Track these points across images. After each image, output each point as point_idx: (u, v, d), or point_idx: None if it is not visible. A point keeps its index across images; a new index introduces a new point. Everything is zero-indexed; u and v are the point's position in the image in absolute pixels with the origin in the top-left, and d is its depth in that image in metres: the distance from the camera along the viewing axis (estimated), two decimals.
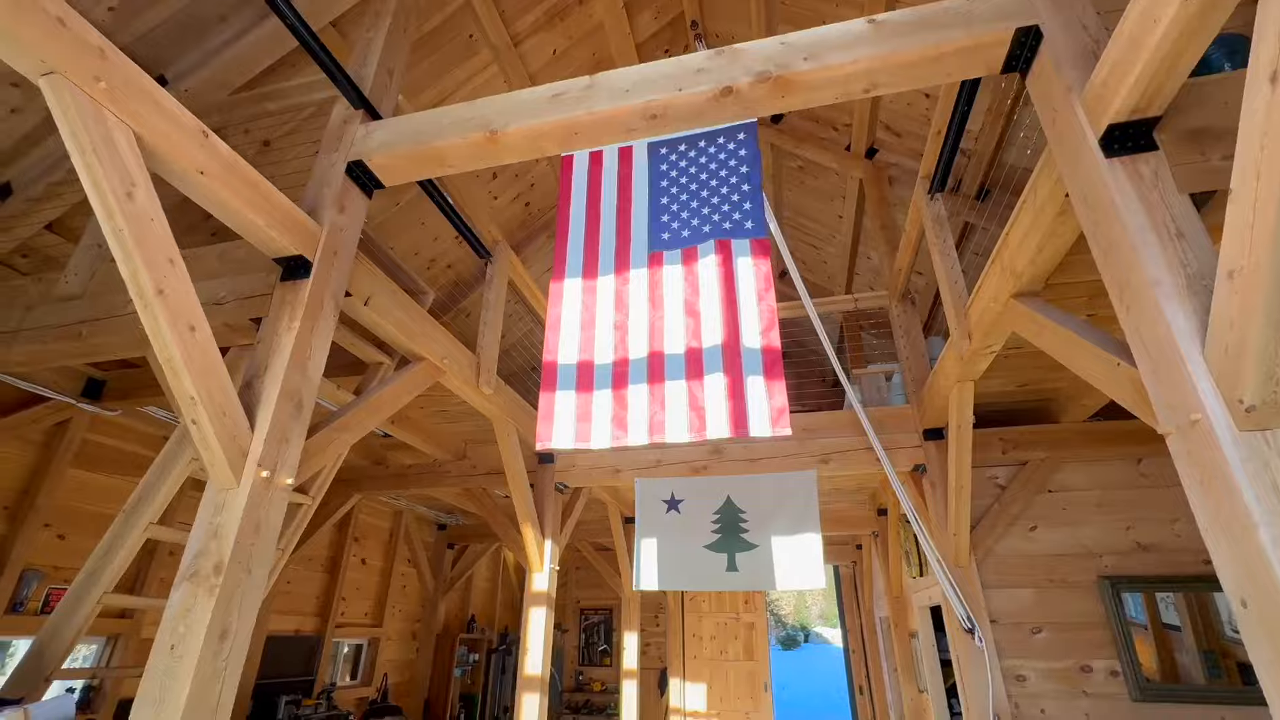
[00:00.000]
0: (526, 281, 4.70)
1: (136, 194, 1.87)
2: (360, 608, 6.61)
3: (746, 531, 4.47)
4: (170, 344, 1.94)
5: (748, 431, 1.96)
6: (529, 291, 4.77)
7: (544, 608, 4.54)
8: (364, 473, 5.57)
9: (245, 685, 4.93)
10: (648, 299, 2.28)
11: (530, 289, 4.77)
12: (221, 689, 1.93)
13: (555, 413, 2.18)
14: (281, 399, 2.28)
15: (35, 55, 1.65)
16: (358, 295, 2.82)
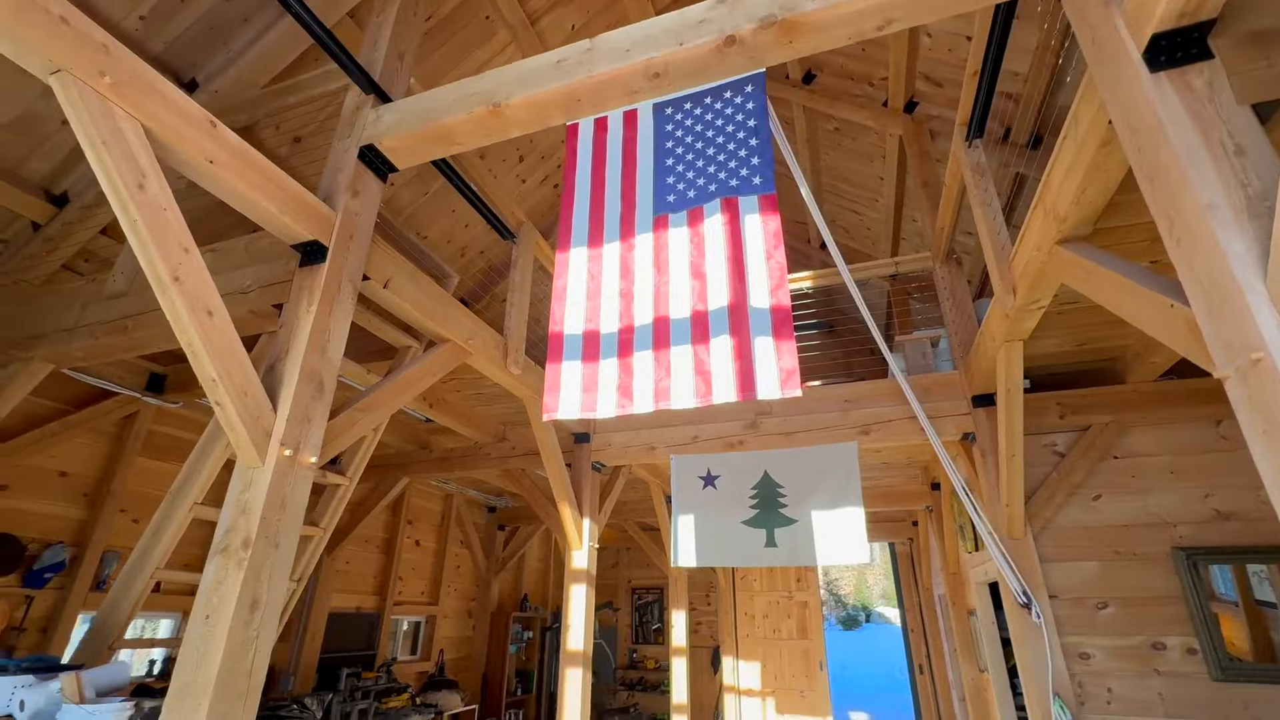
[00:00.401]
0: (554, 262, 4.69)
1: (148, 185, 1.93)
2: (417, 587, 6.88)
3: (785, 506, 4.36)
4: (189, 328, 2.02)
5: (755, 394, 1.87)
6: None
7: (584, 585, 4.58)
8: (410, 457, 5.75)
9: (310, 658, 5.23)
10: (653, 264, 2.20)
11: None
12: (254, 656, 2.02)
13: (561, 383, 2.15)
14: (302, 380, 2.34)
15: (42, 55, 1.72)
16: (376, 278, 2.86)
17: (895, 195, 6.31)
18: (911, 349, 4.74)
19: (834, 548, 4.12)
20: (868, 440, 4.34)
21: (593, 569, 4.67)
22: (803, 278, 5.03)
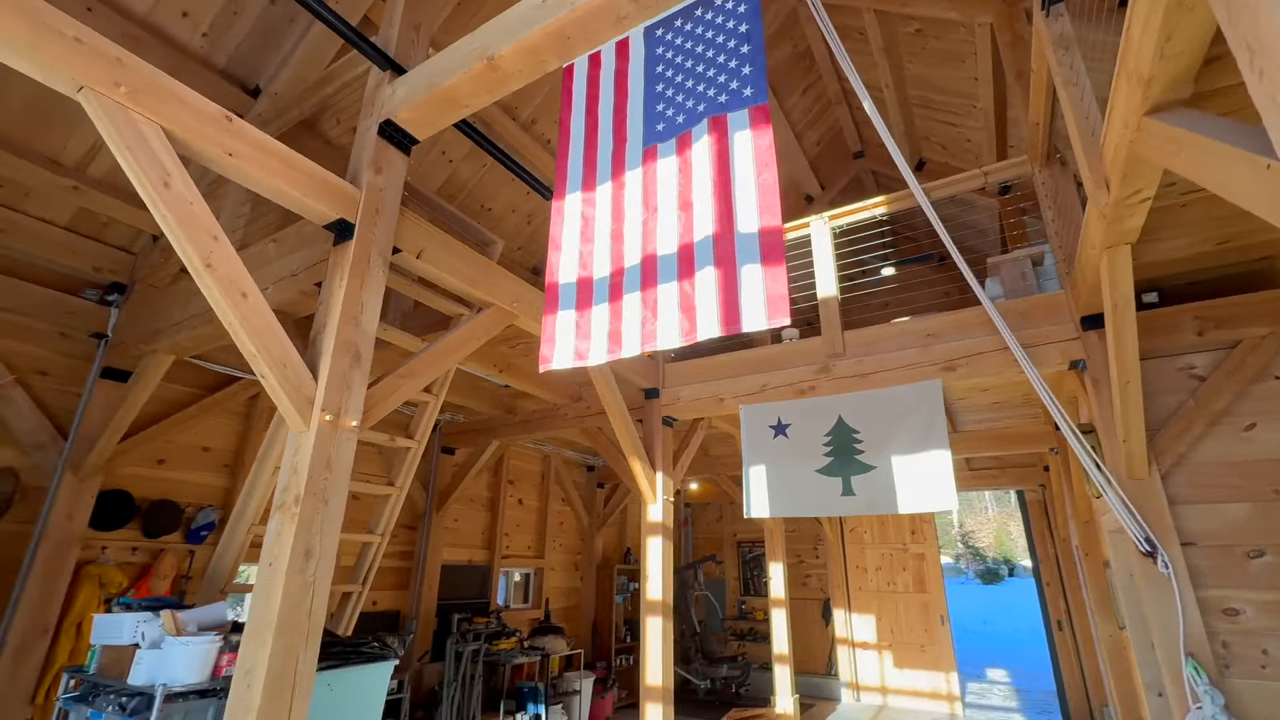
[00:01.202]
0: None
1: (173, 182, 2.13)
2: (523, 541, 7.36)
3: (862, 453, 4.07)
4: (226, 309, 2.23)
5: (740, 326, 1.72)
6: None
7: (659, 537, 4.62)
8: (498, 420, 6.08)
9: (429, 605, 5.81)
10: (642, 200, 2.08)
11: None
12: (312, 598, 2.25)
13: (556, 334, 2.12)
14: (338, 351, 2.51)
15: (65, 74, 1.92)
16: (408, 250, 2.98)
17: (994, 97, 5.49)
18: (1009, 270, 4.17)
19: (917, 495, 3.80)
20: (953, 377, 3.91)
21: (668, 521, 4.70)
22: (875, 203, 4.57)
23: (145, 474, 4.19)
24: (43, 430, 3.72)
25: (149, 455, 4.22)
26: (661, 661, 4.32)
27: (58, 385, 3.88)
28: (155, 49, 3.56)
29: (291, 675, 2.14)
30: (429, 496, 6.14)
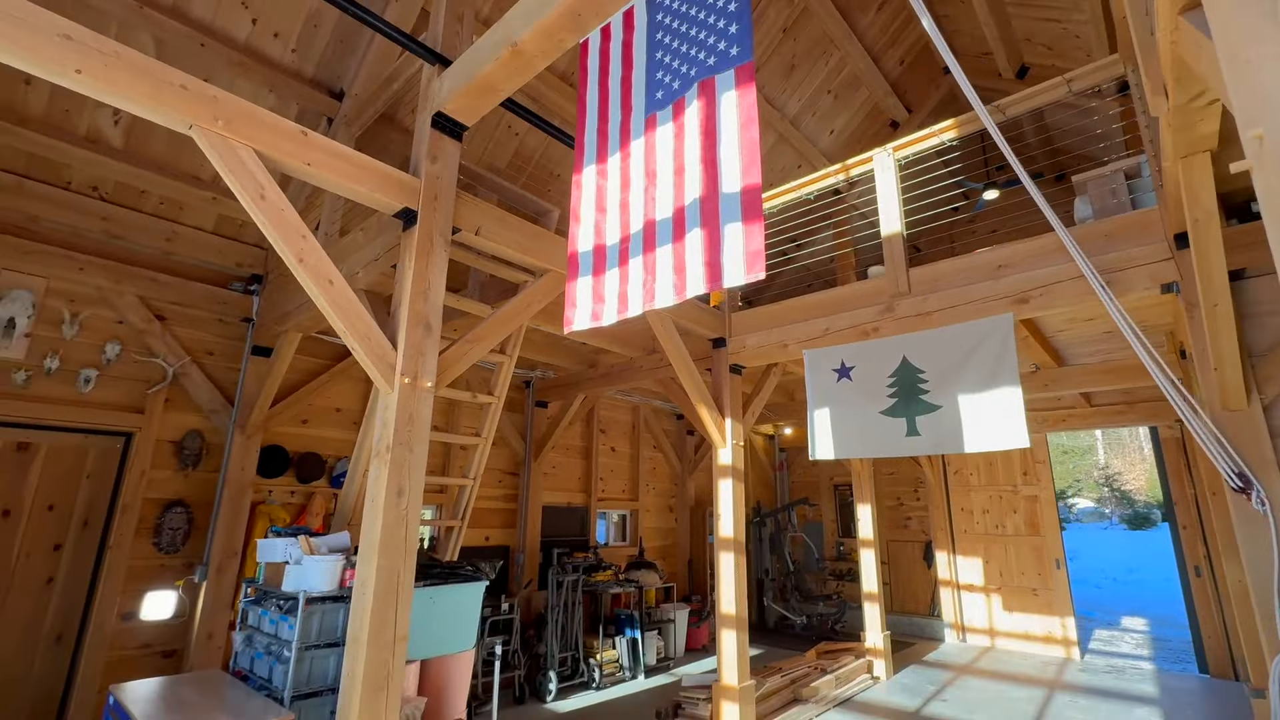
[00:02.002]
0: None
1: (267, 194, 2.59)
2: (617, 486, 7.91)
3: (927, 392, 4.00)
4: (318, 295, 2.70)
5: (721, 283, 1.86)
6: None
7: (730, 479, 4.86)
8: (582, 375, 6.52)
9: (533, 541, 6.53)
10: (644, 169, 2.23)
11: None
12: (406, 527, 2.75)
13: (576, 299, 2.36)
14: (412, 323, 2.94)
15: (178, 116, 2.40)
16: (467, 228, 3.33)
17: None
18: (1098, 187, 3.80)
19: (985, 433, 3.71)
20: (1027, 309, 3.70)
21: (738, 464, 4.91)
22: (944, 128, 4.28)
23: (294, 431, 5.08)
24: (215, 399, 4.63)
25: (295, 416, 5.09)
26: (735, 592, 4.62)
27: (222, 362, 4.78)
28: (256, 69, 4.13)
29: (395, 587, 2.67)
30: (527, 446, 6.79)
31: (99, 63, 2.20)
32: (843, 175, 4.81)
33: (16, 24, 2.05)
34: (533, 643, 5.94)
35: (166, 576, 4.29)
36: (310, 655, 2.66)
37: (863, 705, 5.46)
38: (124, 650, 4.07)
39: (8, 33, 2.03)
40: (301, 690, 2.60)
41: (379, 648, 2.58)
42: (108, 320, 4.30)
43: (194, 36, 3.83)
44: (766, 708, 4.92)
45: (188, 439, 4.50)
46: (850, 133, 7.67)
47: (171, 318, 4.58)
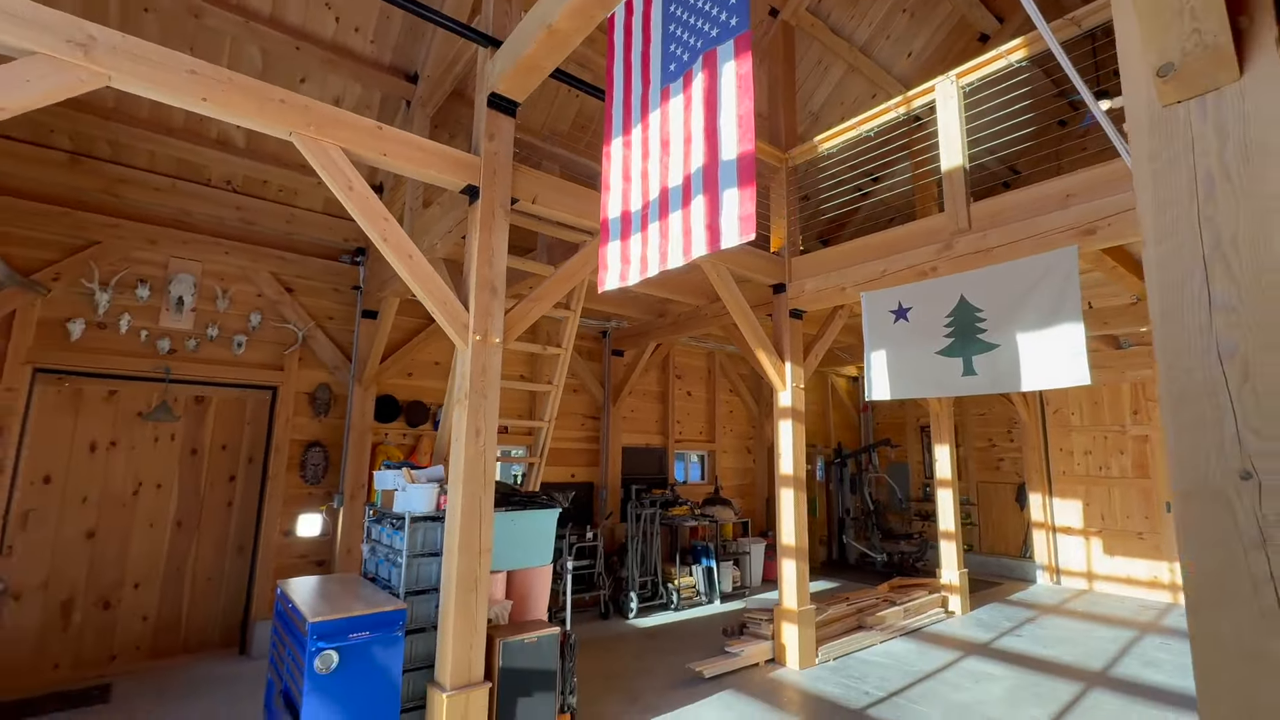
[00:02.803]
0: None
1: (354, 185, 3.07)
2: (694, 428, 8.29)
3: (984, 331, 3.95)
4: (400, 268, 3.19)
5: (719, 245, 2.08)
6: None
7: (790, 420, 5.06)
8: (652, 324, 6.84)
9: (614, 478, 7.11)
10: (660, 139, 2.44)
11: None
12: (484, 462, 3.27)
13: (607, 261, 2.66)
14: (479, 287, 3.38)
15: (278, 126, 2.90)
16: (524, 197, 3.69)
17: None
18: None
19: (1045, 371, 3.65)
20: (1093, 241, 3.53)
21: (798, 406, 5.08)
22: (1012, 48, 4.01)
23: (401, 383, 5.85)
24: (337, 357, 5.45)
25: (401, 370, 5.85)
26: (794, 525, 4.90)
27: (340, 325, 5.57)
28: (342, 64, 4.63)
29: (478, 510, 3.22)
30: (605, 392, 7.29)
31: (218, 89, 2.72)
32: (903, 109, 4.64)
33: (155, 66, 2.59)
34: (616, 568, 6.59)
35: (312, 502, 5.24)
36: (417, 562, 3.30)
37: (929, 635, 5.64)
38: (286, 559, 5.09)
39: (149, 74, 2.57)
40: (413, 588, 3.25)
41: (468, 557, 3.16)
42: (249, 294, 5.16)
43: (289, 41, 4.37)
44: (829, 631, 5.24)
45: (318, 391, 5.36)
46: (931, 53, 7.14)
47: (298, 289, 5.39)
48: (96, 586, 4.42)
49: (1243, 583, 0.86)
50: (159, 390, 4.75)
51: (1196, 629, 0.89)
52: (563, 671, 3.56)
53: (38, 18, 2.36)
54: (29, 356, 4.25)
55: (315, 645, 2.75)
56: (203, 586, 4.81)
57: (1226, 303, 0.91)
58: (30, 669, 4.13)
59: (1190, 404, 0.93)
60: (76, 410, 4.46)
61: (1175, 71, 0.94)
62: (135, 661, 4.49)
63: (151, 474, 4.70)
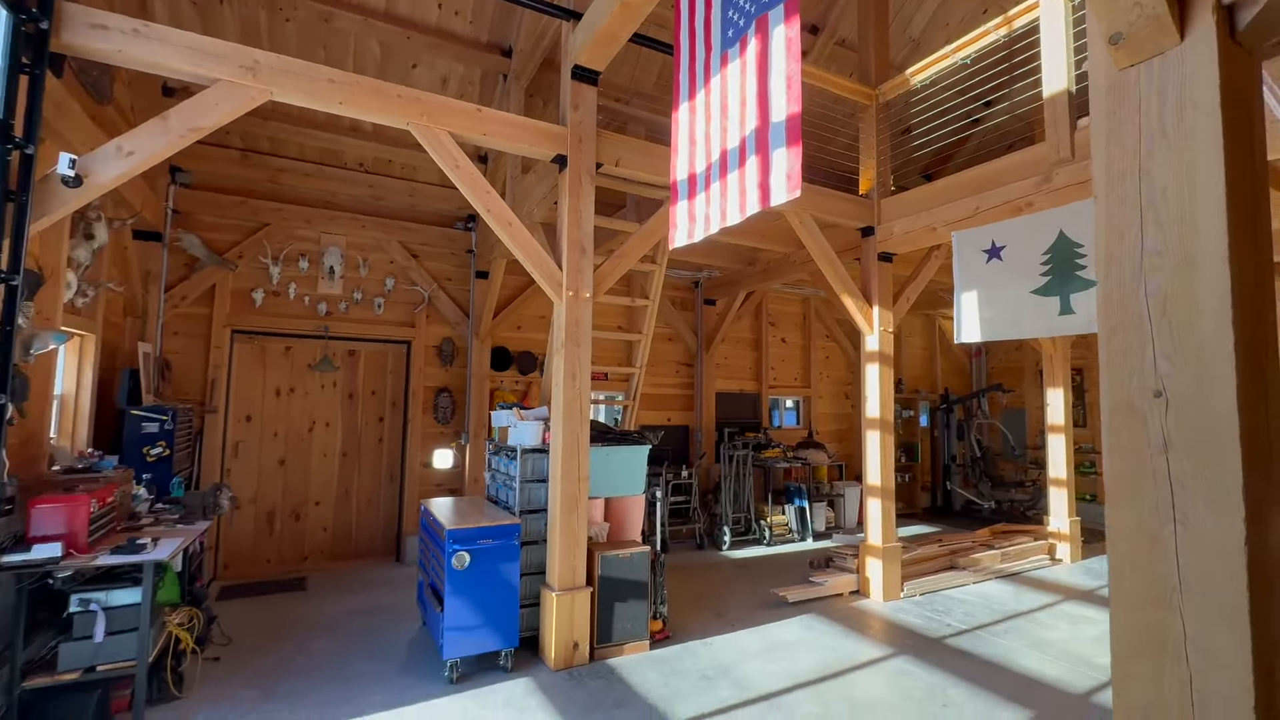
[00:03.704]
0: None
1: (460, 163, 3.53)
2: (789, 374, 8.40)
3: (1084, 268, 3.76)
4: (501, 234, 3.65)
5: (769, 203, 2.28)
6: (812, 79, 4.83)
7: (877, 364, 5.10)
8: (742, 273, 6.97)
9: (708, 422, 7.47)
10: (720, 104, 2.62)
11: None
12: (580, 403, 3.73)
13: (676, 220, 2.91)
14: (570, 248, 3.78)
15: (398, 118, 3.40)
16: (608, 161, 3.99)
17: None
18: None
19: None
20: None
21: (886, 350, 5.10)
22: None
23: (512, 335, 6.52)
24: (457, 314, 6.18)
25: (511, 324, 6.51)
26: (880, 466, 5.02)
27: (457, 286, 6.28)
28: (447, 46, 5.10)
29: (575, 443, 3.72)
30: (699, 340, 7.59)
31: (350, 92, 3.25)
32: (1004, 30, 4.33)
33: (303, 79, 3.15)
34: (711, 504, 7.04)
35: (444, 439, 6.11)
36: (529, 486, 3.89)
37: (1029, 579, 5.57)
38: (426, 486, 6.02)
39: (299, 85, 3.14)
40: (526, 508, 3.86)
41: (569, 483, 3.69)
42: (384, 261, 5.97)
43: (401, 32, 4.89)
44: (918, 569, 5.36)
45: (443, 344, 6.14)
46: None
47: (422, 255, 6.14)
48: (289, 502, 5.55)
49: (1147, 481, 1.04)
50: (321, 346, 5.72)
51: (1112, 519, 1.08)
52: (653, 584, 4.07)
53: (217, 50, 2.97)
54: (228, 320, 5.29)
55: (452, 547, 3.42)
56: (365, 506, 5.86)
57: (1154, 248, 1.05)
58: (250, 561, 5.35)
59: (1121, 335, 1.08)
60: (264, 363, 5.52)
61: (1124, 39, 1.05)
62: (321, 562, 5.63)
63: (321, 414, 5.72)
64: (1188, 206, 1.01)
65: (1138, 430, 1.05)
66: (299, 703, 3.13)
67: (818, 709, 3.14)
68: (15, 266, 2.56)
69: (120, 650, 2.80)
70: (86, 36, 2.75)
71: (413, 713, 3.05)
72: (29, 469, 3.14)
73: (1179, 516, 1.00)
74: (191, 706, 3.08)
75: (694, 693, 3.30)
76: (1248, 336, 0.96)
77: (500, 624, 3.50)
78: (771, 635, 4.15)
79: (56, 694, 2.73)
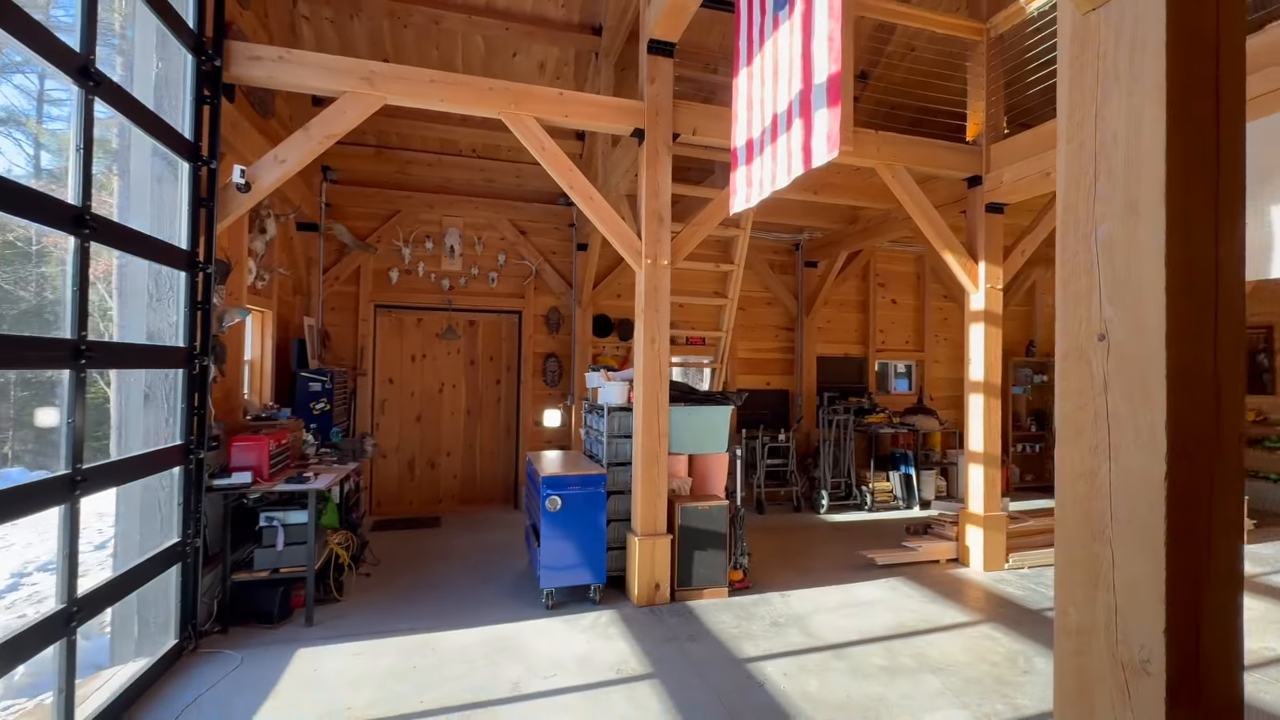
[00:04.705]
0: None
1: (546, 145, 3.86)
2: (900, 337, 7.99)
3: None
4: (584, 208, 3.94)
5: (811, 164, 2.32)
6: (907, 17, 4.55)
7: (982, 324, 4.79)
8: (842, 233, 6.74)
9: (809, 387, 7.38)
10: (773, 68, 2.66)
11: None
12: (659, 364, 3.98)
13: (736, 185, 3.00)
14: (649, 217, 4.00)
15: (491, 108, 3.77)
16: (685, 131, 4.11)
17: None
18: None
19: None
20: None
21: (993, 308, 4.77)
22: None
23: (612, 304, 6.88)
24: (561, 285, 6.66)
25: (611, 293, 6.87)
26: (983, 432, 4.76)
27: (561, 258, 6.74)
28: (541, 32, 5.42)
29: (655, 402, 3.98)
30: (799, 303, 7.48)
31: (448, 90, 3.67)
32: None
33: (410, 82, 3.61)
34: (810, 468, 7.03)
35: (552, 401, 6.68)
36: (615, 441, 4.24)
37: None
38: (538, 442, 6.64)
39: (407, 89, 3.60)
40: (613, 460, 4.22)
41: (649, 439, 3.98)
42: (496, 239, 6.56)
43: (500, 24, 5.29)
44: (1026, 542, 5.02)
45: (550, 313, 6.66)
46: None
47: (529, 231, 6.65)
48: (425, 452, 6.43)
49: (1088, 421, 1.07)
50: (446, 317, 6.47)
51: (1059, 458, 1.13)
52: (733, 536, 4.27)
53: (342, 66, 3.50)
54: (371, 297, 6.17)
55: (546, 492, 3.87)
56: (487, 458, 6.61)
57: (1104, 193, 1.06)
58: (397, 501, 6.31)
59: (1073, 281, 1.11)
60: (401, 333, 6.37)
61: None
62: (452, 506, 6.49)
63: (448, 377, 6.51)
64: (1133, 151, 1.01)
65: (1083, 373, 1.08)
66: (427, 613, 3.77)
67: (883, 661, 3.21)
68: (209, 257, 3.29)
69: (295, 558, 3.57)
70: (246, 67, 3.39)
71: (513, 628, 3.56)
72: (230, 417, 4.01)
73: (1113, 454, 1.03)
74: (349, 607, 3.83)
75: (763, 636, 3.50)
76: (1180, 278, 0.96)
77: (589, 561, 3.92)
78: (852, 593, 4.20)
79: (254, 587, 3.55)
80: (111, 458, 2.81)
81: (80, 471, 2.28)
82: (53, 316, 13.59)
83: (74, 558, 2.26)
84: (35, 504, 2.13)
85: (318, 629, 3.52)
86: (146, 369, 3.11)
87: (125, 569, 2.72)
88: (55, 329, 13.71)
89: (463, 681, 2.95)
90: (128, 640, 3.07)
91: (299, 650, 3.24)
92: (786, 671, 3.09)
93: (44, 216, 2.18)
